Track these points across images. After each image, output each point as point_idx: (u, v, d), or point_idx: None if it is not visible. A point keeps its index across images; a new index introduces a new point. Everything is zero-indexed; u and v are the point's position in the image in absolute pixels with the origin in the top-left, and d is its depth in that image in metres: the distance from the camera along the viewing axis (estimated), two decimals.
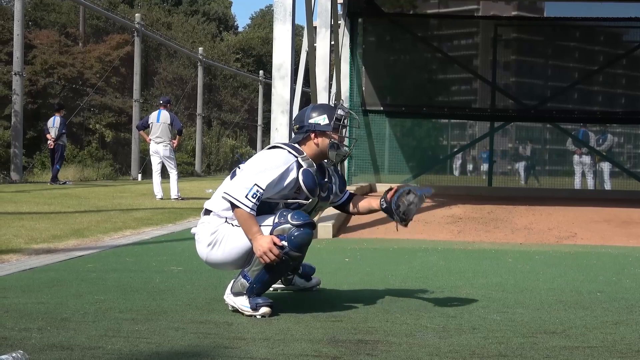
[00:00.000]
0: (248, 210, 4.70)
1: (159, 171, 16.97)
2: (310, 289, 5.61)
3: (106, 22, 43.44)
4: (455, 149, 23.37)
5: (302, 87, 12.99)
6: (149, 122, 17.06)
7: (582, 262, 8.03)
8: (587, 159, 21.89)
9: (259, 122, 47.84)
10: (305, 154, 4.96)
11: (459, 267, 7.38)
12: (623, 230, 11.28)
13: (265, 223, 4.78)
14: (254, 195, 4.70)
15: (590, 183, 22.09)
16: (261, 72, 49.16)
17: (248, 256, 4.86)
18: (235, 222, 4.85)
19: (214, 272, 6.61)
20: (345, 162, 18.13)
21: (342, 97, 17.54)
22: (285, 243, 4.67)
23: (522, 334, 4.36)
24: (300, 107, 12.49)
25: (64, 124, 22.97)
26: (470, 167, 26.33)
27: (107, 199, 16.46)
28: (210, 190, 20.01)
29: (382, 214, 5.19)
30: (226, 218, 4.92)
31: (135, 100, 31.94)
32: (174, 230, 10.57)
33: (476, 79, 21.53)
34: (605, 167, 22.02)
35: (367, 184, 18.37)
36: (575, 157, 22.07)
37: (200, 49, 42.14)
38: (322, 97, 13.64)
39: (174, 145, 17.11)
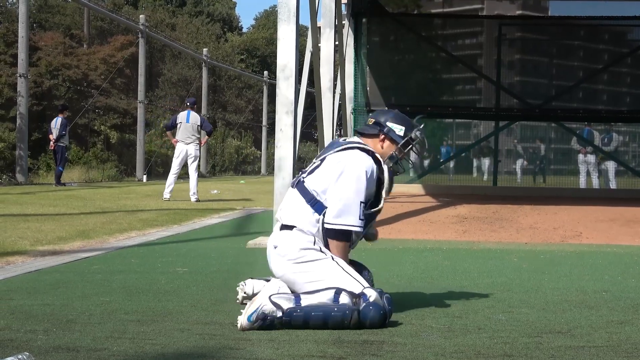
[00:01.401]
0: (359, 230, 4.78)
1: (178, 174, 16.96)
2: None
3: (110, 23, 43.52)
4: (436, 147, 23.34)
5: (307, 87, 12.98)
6: (178, 122, 17.00)
7: (588, 261, 8.02)
8: (591, 158, 21.87)
9: (264, 122, 47.84)
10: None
11: (464, 267, 7.38)
12: (628, 229, 11.26)
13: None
14: (362, 214, 4.77)
15: (595, 182, 22.08)
16: (266, 72, 49.17)
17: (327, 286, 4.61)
18: (321, 246, 4.77)
19: (219, 273, 6.62)
20: None
21: (347, 97, 17.53)
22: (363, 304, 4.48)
23: (528, 334, 4.36)
24: (304, 108, 12.49)
25: (65, 125, 22.90)
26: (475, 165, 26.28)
27: (112, 200, 16.48)
28: (216, 191, 20.03)
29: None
30: (315, 238, 4.78)
31: (140, 102, 31.97)
32: (179, 231, 10.58)
33: (480, 78, 21.48)
34: (611, 166, 21.98)
35: None
36: (580, 156, 22.06)
37: (205, 49, 42.17)
38: (326, 98, 13.62)
39: (201, 145, 17.22)
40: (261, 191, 21.78)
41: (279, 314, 4.37)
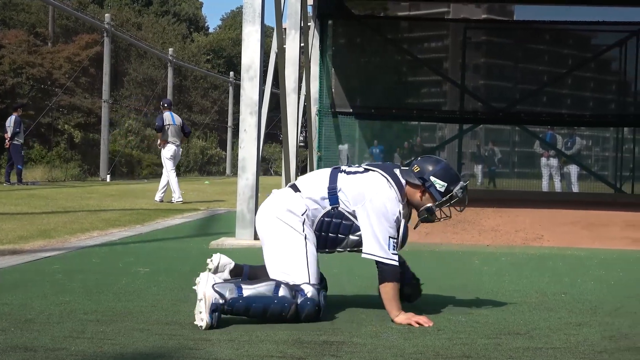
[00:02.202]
0: (395, 264, 4.80)
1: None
2: None
3: (76, 22, 43.17)
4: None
5: (272, 88, 12.98)
6: (166, 124, 16.89)
7: (548, 264, 8.09)
8: (554, 161, 22.04)
9: (229, 123, 47.74)
10: (405, 198, 5.02)
11: (426, 269, 7.40)
12: (589, 232, 11.37)
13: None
14: (394, 247, 4.82)
15: (557, 185, 22.25)
16: (232, 73, 49.06)
17: (282, 263, 4.77)
18: (309, 233, 4.85)
19: (181, 273, 6.60)
20: (315, 162, 18.13)
21: (312, 99, 17.55)
22: (300, 299, 4.62)
23: (487, 335, 4.39)
24: (269, 109, 12.48)
25: (19, 122, 22.68)
26: None
27: (75, 200, 16.38)
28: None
29: None
30: (304, 217, 4.85)
31: (104, 101, 31.78)
32: (141, 231, 10.54)
33: (446, 81, 21.63)
34: (573, 169, 22.18)
35: None
36: (543, 160, 22.22)
37: (171, 49, 42.02)
38: (291, 99, 13.63)
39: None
40: (225, 192, 21.73)
41: (221, 301, 4.52)
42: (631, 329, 4.72)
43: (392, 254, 4.79)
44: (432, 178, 5.01)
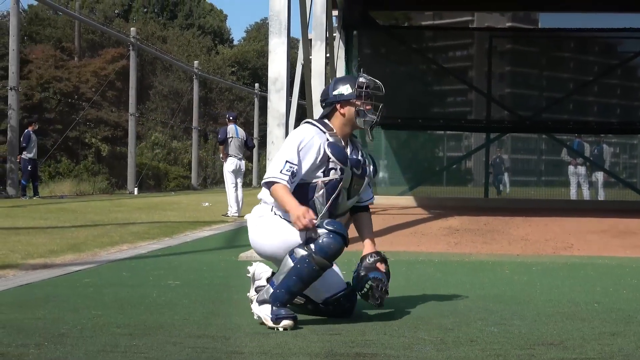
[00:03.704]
0: (283, 182, 4.87)
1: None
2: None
3: (101, 36, 43.51)
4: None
5: (298, 100, 12.98)
6: (229, 137, 16.65)
7: (579, 273, 8.03)
8: (582, 169, 21.92)
9: (255, 134, 47.82)
10: (334, 129, 5.14)
11: (456, 279, 7.38)
12: (620, 240, 11.27)
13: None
14: (288, 170, 4.89)
15: (585, 193, 22.11)
16: (257, 85, 49.19)
17: (285, 251, 4.90)
18: (280, 212, 4.98)
19: (211, 286, 6.62)
20: None
21: None
22: (313, 247, 4.77)
23: (520, 346, 4.36)
24: (296, 121, 12.49)
25: (27, 137, 22.53)
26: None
27: (104, 213, 16.45)
28: (207, 204, 20.01)
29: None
30: (272, 206, 5.04)
31: (131, 114, 31.95)
32: (170, 244, 10.56)
33: (471, 90, 21.56)
34: (600, 177, 22.04)
35: None
36: (571, 168, 22.10)
37: (196, 62, 42.18)
38: (317, 110, 13.62)
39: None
40: (254, 203, 21.72)
41: (273, 308, 4.76)
42: None
43: (281, 174, 4.89)
44: (335, 92, 5.18)
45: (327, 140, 5.03)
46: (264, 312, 4.78)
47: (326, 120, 5.18)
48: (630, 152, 25.53)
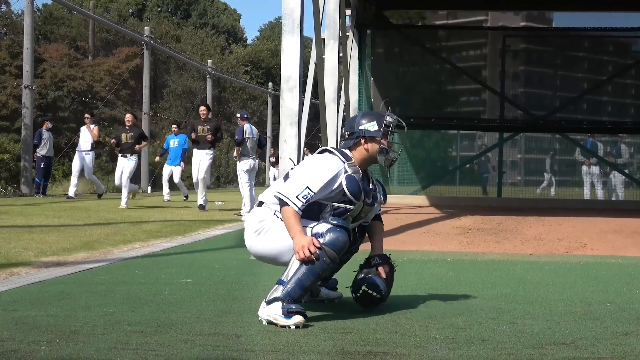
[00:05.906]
0: (296, 209, 4.90)
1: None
2: (332, 300, 5.67)
3: (115, 35, 43.62)
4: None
5: (311, 98, 12.97)
6: (246, 137, 16.31)
7: (592, 272, 8.00)
8: (596, 169, 21.84)
9: (268, 133, 47.88)
10: (353, 160, 5.20)
11: (469, 278, 7.37)
12: (633, 240, 11.24)
13: (308, 225, 4.97)
14: (305, 197, 4.93)
15: (599, 193, 22.02)
16: (270, 84, 49.26)
17: (288, 254, 4.96)
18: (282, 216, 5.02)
19: (223, 284, 6.62)
20: None
21: (351, 109, 17.54)
22: (322, 240, 4.84)
23: (532, 345, 4.35)
24: (309, 119, 12.49)
25: (39, 135, 22.47)
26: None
27: (117, 212, 16.50)
28: (220, 202, 20.04)
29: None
30: (275, 211, 5.09)
31: (144, 113, 32.02)
32: (183, 242, 10.58)
33: (485, 89, 21.52)
34: (619, 177, 21.93)
35: None
36: (584, 168, 22.01)
37: (209, 61, 42.25)
38: (330, 109, 13.64)
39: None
40: None
41: (284, 304, 4.75)
42: None
43: (297, 199, 4.92)
44: (361, 127, 5.24)
45: (346, 171, 5.09)
46: (273, 311, 4.77)
47: (347, 151, 5.23)
48: None
